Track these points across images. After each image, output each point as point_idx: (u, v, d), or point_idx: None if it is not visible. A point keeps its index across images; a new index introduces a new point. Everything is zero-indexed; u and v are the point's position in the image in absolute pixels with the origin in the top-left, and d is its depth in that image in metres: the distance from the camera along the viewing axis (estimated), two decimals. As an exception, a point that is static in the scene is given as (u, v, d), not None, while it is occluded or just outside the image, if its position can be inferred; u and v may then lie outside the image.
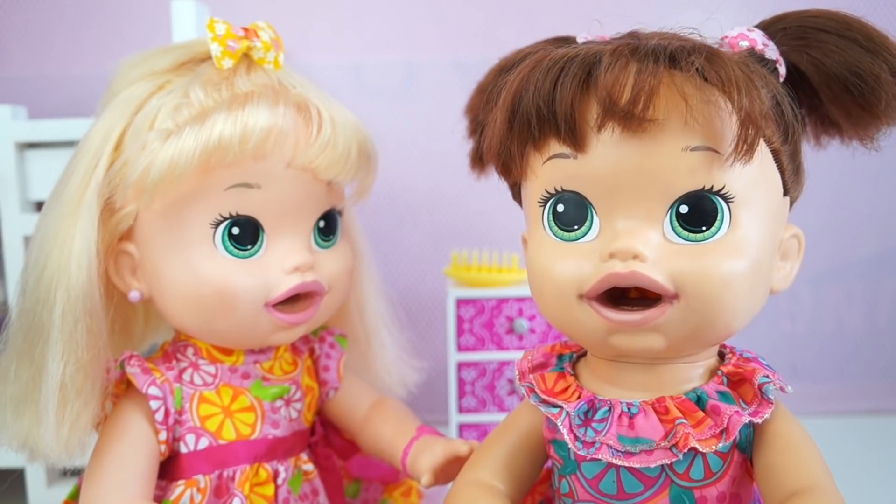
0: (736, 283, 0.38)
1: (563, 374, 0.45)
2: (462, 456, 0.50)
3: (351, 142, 0.50)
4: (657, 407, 0.41)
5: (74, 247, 0.47)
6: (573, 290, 0.40)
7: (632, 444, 0.39)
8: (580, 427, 0.41)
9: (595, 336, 0.40)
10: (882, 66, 0.39)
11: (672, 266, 0.38)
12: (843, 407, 0.96)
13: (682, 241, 0.38)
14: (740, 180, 0.38)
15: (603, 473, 0.42)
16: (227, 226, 0.48)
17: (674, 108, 0.36)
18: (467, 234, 0.93)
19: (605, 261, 0.39)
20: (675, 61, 0.36)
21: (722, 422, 0.39)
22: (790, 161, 0.41)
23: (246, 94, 0.47)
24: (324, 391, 0.58)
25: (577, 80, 0.37)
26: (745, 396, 0.41)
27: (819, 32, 0.41)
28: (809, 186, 0.45)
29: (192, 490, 0.50)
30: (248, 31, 0.50)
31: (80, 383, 0.46)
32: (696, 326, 0.39)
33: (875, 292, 0.93)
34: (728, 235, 0.38)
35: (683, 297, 0.38)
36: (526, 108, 0.39)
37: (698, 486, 0.41)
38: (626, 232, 0.39)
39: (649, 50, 0.37)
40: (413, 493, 0.63)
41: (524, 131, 0.40)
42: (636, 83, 0.36)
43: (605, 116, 0.37)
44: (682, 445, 0.38)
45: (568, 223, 0.41)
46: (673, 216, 0.38)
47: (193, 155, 0.45)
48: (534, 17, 0.87)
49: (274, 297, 0.49)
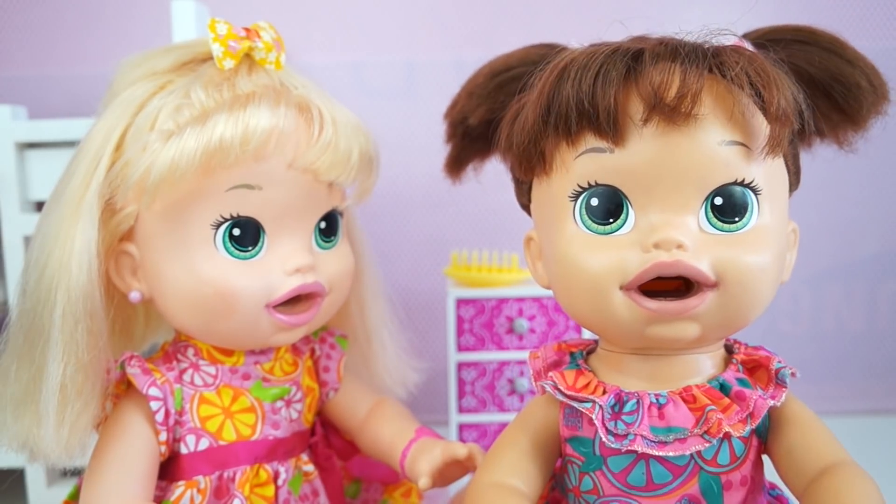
0: (767, 272, 0.40)
1: (581, 371, 0.45)
2: (460, 459, 0.50)
3: (352, 143, 0.50)
4: (685, 396, 0.42)
5: (75, 247, 0.47)
6: (613, 281, 0.40)
7: (665, 434, 0.40)
8: (611, 420, 0.41)
9: (631, 326, 0.41)
10: (861, 75, 0.42)
11: (712, 255, 0.39)
12: (842, 407, 0.96)
13: (717, 231, 0.40)
14: (765, 175, 0.40)
15: (632, 466, 0.42)
16: (227, 227, 0.48)
17: (715, 105, 0.39)
18: (467, 234, 0.93)
19: (648, 251, 0.40)
20: (720, 60, 0.38)
21: (748, 406, 0.40)
22: (793, 161, 0.44)
23: (247, 95, 0.47)
24: (324, 392, 0.58)
25: (620, 73, 0.39)
26: (760, 382, 0.43)
27: (803, 45, 0.43)
28: (810, 186, 0.46)
29: (192, 491, 0.50)
30: (249, 32, 0.50)
31: (80, 384, 0.46)
32: (730, 314, 0.40)
33: (875, 292, 0.93)
34: (756, 226, 0.40)
35: (723, 285, 0.39)
36: (565, 102, 0.40)
37: (725, 472, 0.42)
38: (665, 223, 0.40)
39: (692, 48, 0.39)
40: (413, 493, 0.63)
41: (561, 125, 0.40)
42: (684, 80, 0.37)
43: (652, 112, 0.38)
44: (716, 431, 0.40)
45: (602, 216, 0.41)
46: (708, 208, 0.40)
47: (194, 156, 0.45)
48: (534, 17, 0.87)
49: (275, 298, 0.49)
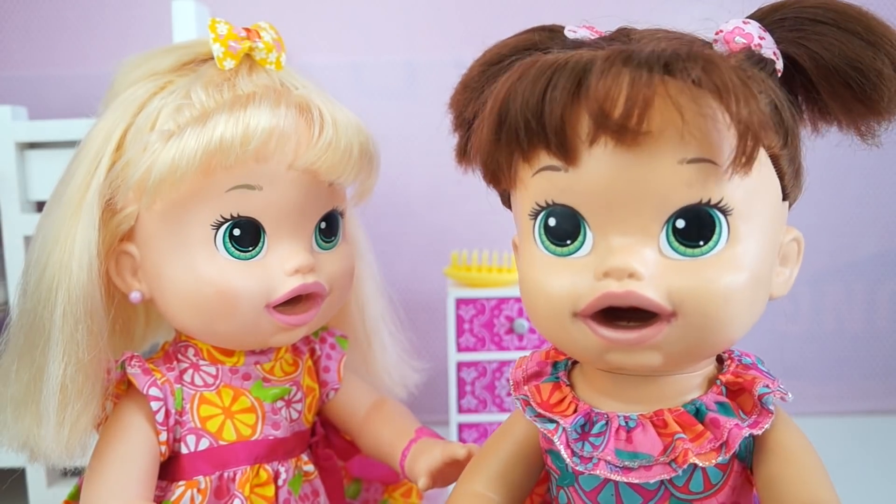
0: (736, 298, 0.37)
1: (558, 385, 0.43)
2: (460, 459, 0.50)
3: (353, 143, 0.50)
4: (655, 420, 0.40)
5: (75, 247, 0.47)
6: (567, 307, 0.38)
7: (630, 459, 0.39)
8: (577, 441, 0.40)
9: (590, 353, 0.39)
10: (884, 60, 0.37)
11: (669, 283, 0.36)
12: (842, 407, 0.96)
13: (680, 256, 0.37)
14: (739, 191, 0.37)
15: (601, 487, 0.41)
16: (228, 227, 0.48)
17: (669, 120, 0.34)
18: (467, 234, 0.93)
19: (599, 279, 0.37)
20: (670, 70, 0.34)
21: (721, 435, 0.38)
22: (790, 165, 0.40)
23: (248, 95, 0.47)
24: (324, 392, 0.58)
25: (566, 91, 0.35)
26: (744, 406, 0.40)
27: (817, 24, 0.38)
28: (809, 186, 0.44)
29: (192, 491, 0.50)
30: (249, 32, 0.50)
31: (80, 384, 0.47)
32: (695, 342, 0.38)
33: (875, 292, 0.93)
34: (727, 249, 0.37)
35: (682, 315, 0.36)
36: (513, 120, 0.37)
37: (698, 499, 0.40)
38: (620, 249, 0.37)
39: (643, 58, 0.34)
40: (413, 493, 0.63)
41: (512, 142, 0.38)
42: (630, 95, 0.33)
43: (598, 130, 0.35)
44: (682, 461, 0.38)
45: (560, 237, 0.39)
46: (669, 231, 0.37)
47: (195, 156, 0.45)
48: (534, 17, 0.87)
49: (275, 298, 0.49)
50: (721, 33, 0.39)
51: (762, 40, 0.39)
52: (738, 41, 0.38)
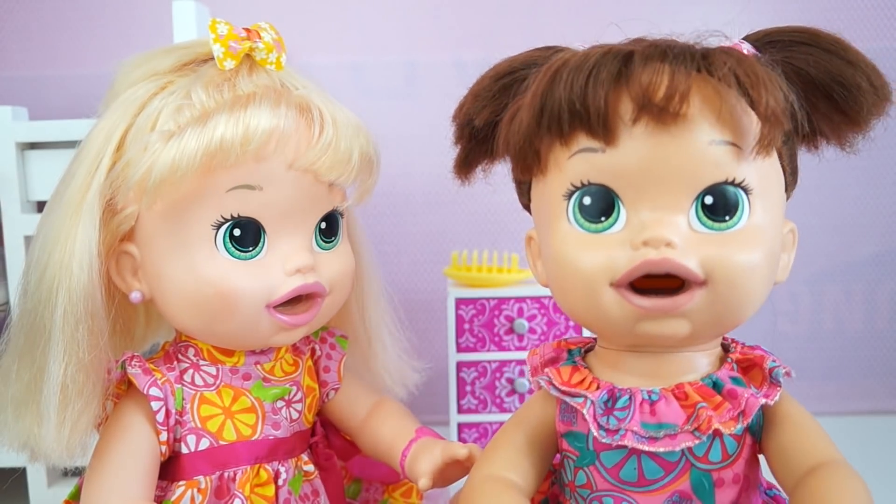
0: (757, 271, 0.40)
1: (576, 367, 0.46)
2: (460, 459, 0.50)
3: (353, 143, 0.50)
4: (677, 393, 0.42)
5: (76, 247, 0.47)
6: (604, 278, 0.41)
7: (655, 430, 0.41)
8: (603, 416, 0.42)
9: (622, 323, 0.42)
10: (862, 76, 0.42)
11: (700, 253, 0.40)
12: (842, 407, 0.96)
13: (707, 230, 0.40)
14: (757, 174, 0.41)
15: (623, 461, 0.43)
16: (228, 227, 0.48)
17: (703, 105, 0.39)
18: (467, 234, 0.93)
19: (637, 249, 0.40)
20: (708, 61, 0.39)
21: (739, 404, 0.41)
22: (789, 161, 0.44)
23: (248, 96, 0.47)
24: (324, 392, 0.58)
25: (611, 76, 0.39)
26: (754, 381, 0.43)
27: (803, 45, 0.43)
28: (809, 186, 0.46)
29: (192, 491, 0.50)
30: (250, 32, 0.50)
31: (81, 384, 0.47)
32: (720, 312, 0.41)
33: (874, 292, 0.94)
34: (747, 225, 0.41)
35: (711, 283, 0.40)
36: (557, 103, 0.40)
37: (716, 469, 0.42)
38: (655, 221, 0.40)
39: (681, 49, 0.39)
40: (414, 493, 0.63)
41: (553, 126, 0.41)
42: (672, 81, 0.38)
43: (641, 112, 0.39)
44: (706, 428, 0.40)
45: (595, 215, 0.42)
46: (698, 206, 0.41)
47: (195, 156, 0.45)
48: (534, 18, 0.87)
49: (275, 298, 0.49)
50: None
51: (759, 55, 0.43)
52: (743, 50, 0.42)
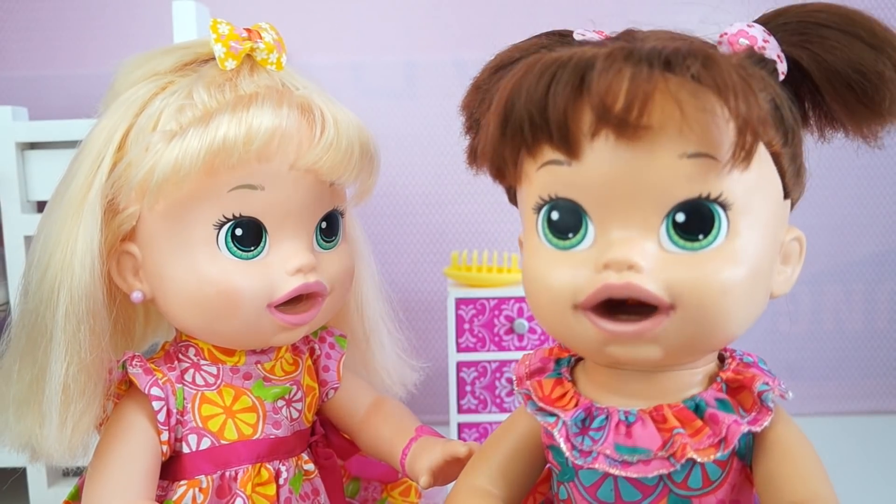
0: (734, 292, 0.37)
1: (560, 380, 0.44)
2: (460, 457, 0.50)
3: (354, 143, 0.50)
4: (655, 415, 0.40)
5: (77, 247, 0.47)
6: (568, 299, 0.39)
7: (629, 454, 0.39)
8: (577, 436, 0.40)
9: (591, 346, 0.40)
10: (886, 62, 0.37)
11: (668, 276, 0.37)
12: (842, 407, 0.96)
13: (679, 249, 0.37)
14: (739, 186, 0.37)
15: (601, 481, 0.41)
16: (230, 227, 0.48)
17: (669, 115, 0.35)
18: (467, 234, 0.93)
19: (599, 271, 0.38)
20: (671, 66, 0.35)
21: (720, 431, 0.39)
22: (791, 163, 0.40)
23: (250, 96, 0.47)
24: (323, 391, 0.58)
25: (569, 86, 0.36)
26: (744, 403, 0.40)
27: (821, 28, 0.39)
28: (810, 186, 0.45)
29: (194, 490, 0.50)
30: (251, 32, 0.50)
31: (82, 384, 0.47)
32: (694, 336, 0.38)
33: (874, 292, 0.94)
34: (726, 243, 0.37)
35: (680, 308, 0.37)
36: (518, 115, 0.37)
37: (697, 495, 0.40)
38: (620, 241, 0.38)
39: (643, 54, 0.35)
40: (412, 492, 0.63)
41: (517, 137, 0.38)
42: (630, 89, 0.34)
43: (599, 123, 0.36)
44: (680, 456, 0.38)
45: (562, 230, 0.39)
46: (669, 224, 0.37)
47: (198, 156, 0.45)
48: (534, 17, 0.87)
49: (277, 298, 0.49)
50: (725, 35, 0.40)
51: (766, 43, 0.39)
52: (742, 43, 0.39)
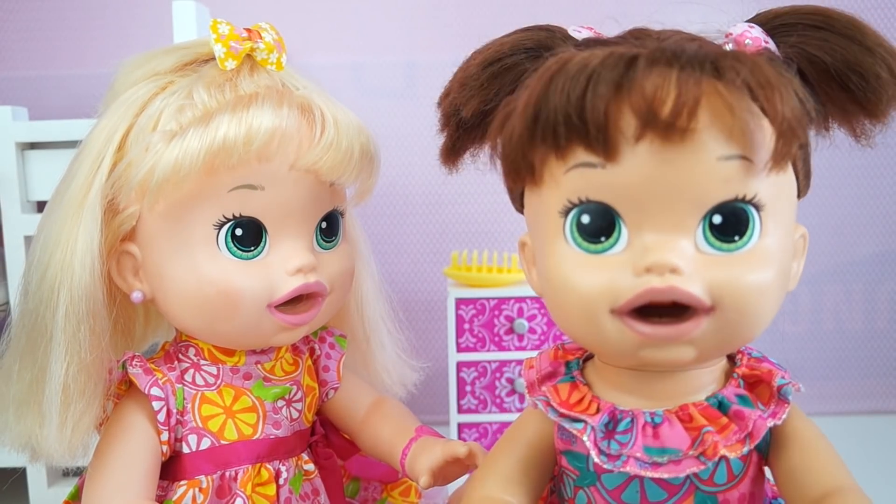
0: (768, 292, 0.37)
1: (575, 385, 0.43)
2: (460, 457, 0.50)
3: (354, 143, 0.50)
4: (681, 415, 0.40)
5: (77, 247, 0.47)
6: (604, 304, 0.38)
7: (659, 455, 0.39)
8: (604, 440, 0.40)
9: (624, 349, 0.39)
10: (881, 65, 0.38)
11: (708, 278, 0.37)
12: (842, 407, 0.96)
13: (715, 251, 0.37)
14: (769, 188, 0.37)
15: (626, 484, 0.41)
16: (230, 227, 0.48)
17: (714, 118, 0.35)
18: (467, 234, 0.93)
19: (639, 275, 0.37)
20: (719, 69, 0.34)
21: (746, 426, 0.39)
22: (803, 164, 0.41)
23: (250, 96, 0.47)
24: (323, 391, 0.58)
25: (610, 87, 0.35)
26: (761, 397, 0.41)
27: (817, 30, 0.39)
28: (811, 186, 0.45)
29: (194, 490, 0.50)
30: (251, 33, 0.50)
31: (83, 384, 0.47)
32: (728, 336, 0.38)
33: (874, 292, 0.94)
34: (759, 244, 0.37)
35: (719, 309, 0.37)
36: (552, 116, 0.36)
37: (722, 490, 0.41)
38: (659, 244, 0.37)
39: (689, 57, 0.35)
40: (412, 492, 0.63)
41: (549, 138, 0.37)
42: (680, 93, 0.34)
43: (644, 127, 0.35)
44: (712, 454, 0.38)
45: (594, 234, 0.38)
46: (706, 226, 0.37)
47: (198, 156, 0.45)
48: (534, 18, 0.87)
49: (277, 298, 0.49)
50: (731, 36, 0.40)
51: (767, 43, 0.40)
52: (748, 43, 0.39)
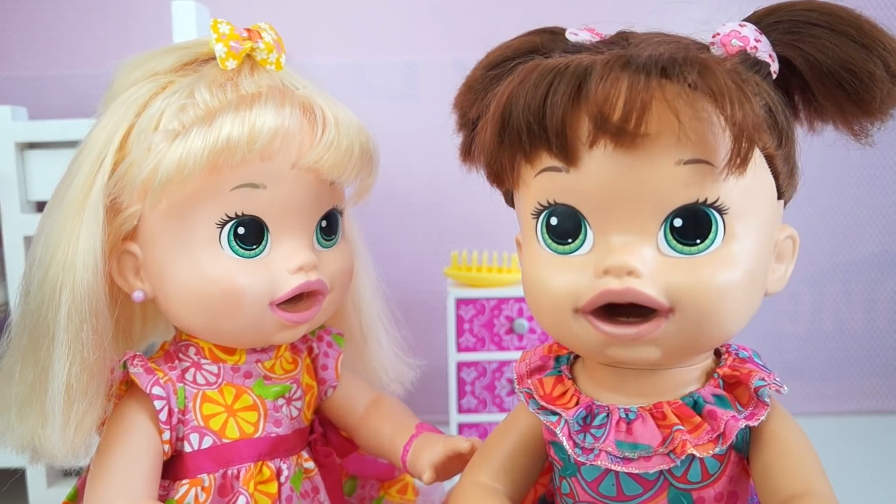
0: (731, 294, 0.38)
1: (560, 378, 0.45)
2: (463, 452, 0.51)
3: (354, 142, 0.50)
4: (655, 413, 0.41)
5: (80, 247, 0.46)
6: (569, 303, 0.39)
7: (630, 450, 0.40)
8: (579, 433, 0.41)
9: (592, 347, 0.40)
10: (876, 62, 0.38)
11: (667, 280, 0.38)
12: (842, 407, 0.96)
13: (677, 254, 0.38)
14: (735, 191, 0.38)
15: (602, 476, 0.42)
16: (232, 226, 0.48)
17: (666, 123, 0.36)
18: (467, 234, 0.93)
19: (599, 276, 0.38)
20: (667, 74, 0.35)
21: (718, 427, 0.40)
22: (784, 164, 0.41)
23: (253, 95, 0.47)
24: (322, 389, 0.58)
25: (567, 94, 0.37)
26: (740, 399, 0.41)
27: (812, 27, 0.39)
28: (810, 186, 0.45)
29: (196, 489, 0.50)
30: (251, 33, 0.50)
31: (85, 384, 0.46)
32: (692, 337, 0.39)
33: (874, 292, 0.94)
34: (723, 247, 0.38)
35: (679, 311, 0.38)
36: (516, 123, 0.38)
37: (696, 488, 0.41)
38: (620, 247, 0.38)
39: (641, 63, 0.36)
40: (409, 490, 0.63)
41: (514, 144, 0.39)
42: (628, 99, 0.35)
43: (597, 133, 0.36)
44: (680, 452, 0.39)
45: (562, 236, 0.40)
46: (667, 230, 0.38)
47: (201, 155, 0.45)
48: (534, 17, 0.87)
49: (279, 296, 0.49)
50: (718, 36, 0.40)
51: (758, 43, 0.40)
52: (735, 44, 0.39)
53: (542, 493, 0.51)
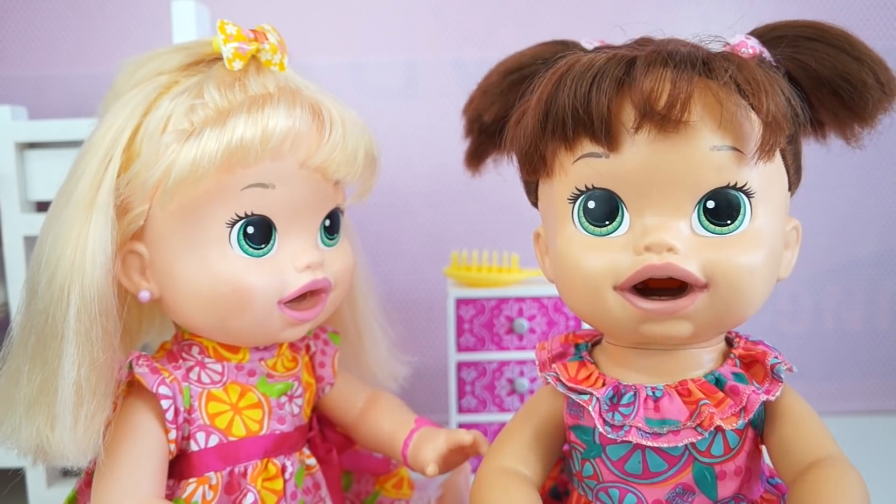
0: (759, 271, 0.41)
1: (583, 363, 0.47)
2: (466, 445, 0.52)
3: (359, 143, 0.51)
4: (680, 389, 0.43)
5: (88, 247, 0.46)
6: (607, 281, 0.42)
7: (659, 426, 0.42)
8: (608, 412, 0.43)
9: (626, 325, 0.43)
10: (868, 72, 0.43)
11: (702, 257, 0.41)
12: (842, 407, 0.96)
13: (709, 234, 0.41)
14: (759, 177, 0.41)
15: (629, 455, 0.44)
16: (242, 225, 0.49)
17: (706, 111, 0.39)
18: (467, 234, 0.93)
19: (639, 254, 0.41)
20: (709, 67, 0.39)
21: (741, 401, 0.42)
22: (793, 160, 0.44)
23: (264, 96, 0.48)
24: (320, 387, 0.59)
25: (613, 83, 0.40)
26: (756, 376, 0.44)
27: (810, 41, 0.44)
28: (810, 186, 0.46)
29: (203, 487, 0.50)
30: (256, 34, 0.50)
31: (94, 383, 0.46)
32: (722, 313, 0.42)
33: (875, 292, 0.94)
34: (749, 228, 0.41)
35: (713, 286, 0.41)
36: (561, 109, 0.41)
37: (719, 462, 0.43)
38: (658, 226, 0.41)
39: (684, 56, 0.39)
40: (405, 484, 0.64)
41: (558, 131, 0.42)
42: (674, 88, 0.38)
43: (643, 119, 0.39)
44: (708, 425, 0.41)
45: (599, 219, 0.43)
46: (700, 211, 0.41)
47: (215, 156, 0.46)
48: (534, 17, 0.87)
49: (287, 294, 0.50)
50: (729, 46, 0.43)
51: (762, 53, 0.44)
52: (744, 52, 0.42)
53: (553, 485, 0.52)
